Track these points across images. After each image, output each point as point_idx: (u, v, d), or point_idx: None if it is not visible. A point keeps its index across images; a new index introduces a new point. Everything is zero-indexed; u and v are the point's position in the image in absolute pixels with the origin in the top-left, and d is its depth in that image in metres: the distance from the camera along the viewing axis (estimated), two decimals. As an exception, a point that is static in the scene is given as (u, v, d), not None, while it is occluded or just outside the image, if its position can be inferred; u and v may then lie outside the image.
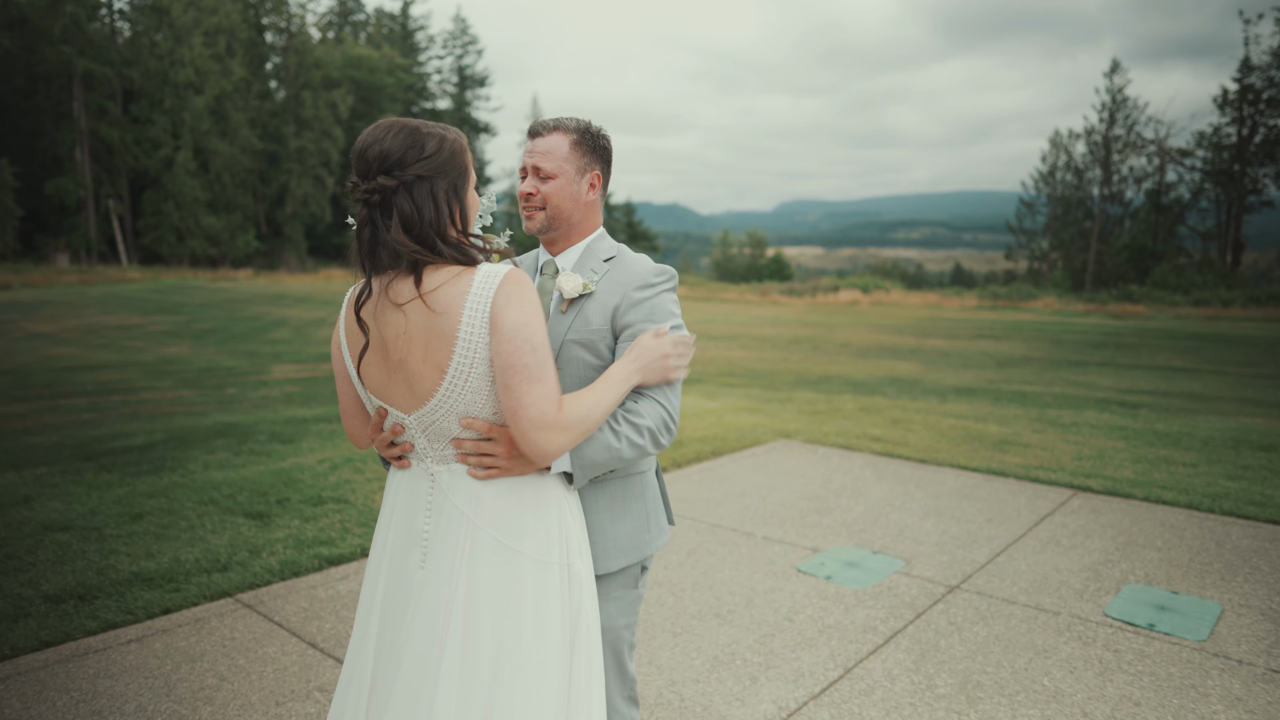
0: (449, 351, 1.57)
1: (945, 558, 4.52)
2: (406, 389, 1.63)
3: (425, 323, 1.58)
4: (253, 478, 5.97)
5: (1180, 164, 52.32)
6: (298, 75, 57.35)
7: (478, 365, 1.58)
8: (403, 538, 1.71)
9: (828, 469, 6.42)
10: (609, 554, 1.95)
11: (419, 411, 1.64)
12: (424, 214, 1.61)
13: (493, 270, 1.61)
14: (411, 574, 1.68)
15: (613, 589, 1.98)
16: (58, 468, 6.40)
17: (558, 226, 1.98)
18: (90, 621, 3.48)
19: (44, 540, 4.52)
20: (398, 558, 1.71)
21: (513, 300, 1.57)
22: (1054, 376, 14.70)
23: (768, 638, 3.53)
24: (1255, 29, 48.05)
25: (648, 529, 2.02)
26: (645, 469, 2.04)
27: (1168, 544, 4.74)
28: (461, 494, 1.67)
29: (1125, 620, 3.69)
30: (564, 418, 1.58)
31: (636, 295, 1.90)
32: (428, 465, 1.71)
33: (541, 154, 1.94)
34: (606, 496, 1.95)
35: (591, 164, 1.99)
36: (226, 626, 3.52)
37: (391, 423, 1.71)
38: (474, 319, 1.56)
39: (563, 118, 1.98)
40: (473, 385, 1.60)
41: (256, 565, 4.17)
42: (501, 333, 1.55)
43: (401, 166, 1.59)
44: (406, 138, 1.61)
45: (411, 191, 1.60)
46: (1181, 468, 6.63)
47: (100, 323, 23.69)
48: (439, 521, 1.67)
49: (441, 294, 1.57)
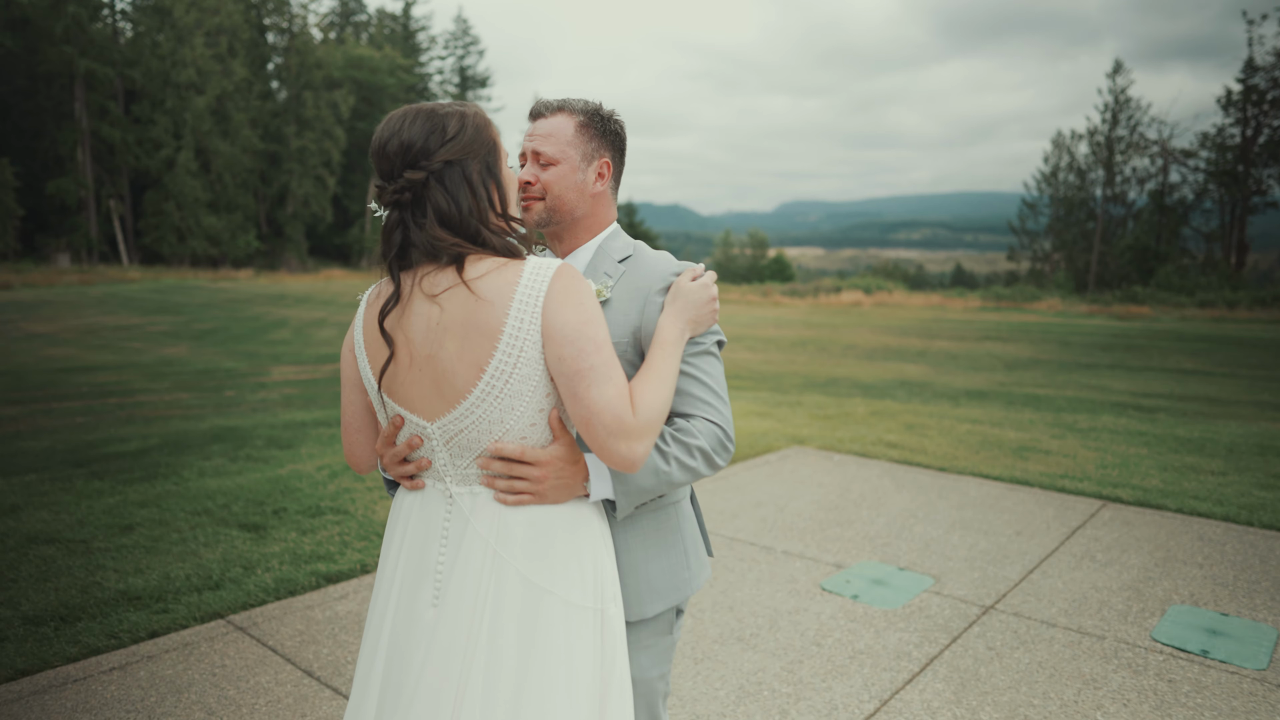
0: (491, 347, 1.37)
1: (976, 574, 4.29)
2: (433, 390, 1.42)
3: (465, 314, 1.38)
4: (249, 486, 5.75)
5: (1184, 165, 52.08)
6: (299, 75, 57.17)
7: (521, 366, 1.39)
8: (413, 570, 1.49)
9: (845, 477, 6.19)
10: (643, 597, 1.71)
11: (445, 418, 1.42)
12: (461, 203, 1.42)
13: (542, 263, 1.42)
14: (422, 613, 1.45)
15: (645, 637, 1.74)
16: (48, 474, 6.19)
17: (559, 220, 1.73)
18: (71, 647, 3.25)
19: (28, 554, 4.30)
20: (407, 594, 1.48)
21: (570, 297, 1.39)
22: (1065, 379, 14.47)
23: (795, 665, 3.30)
24: (1259, 29, 47.72)
25: (687, 566, 1.78)
26: (681, 497, 1.81)
27: (1209, 560, 4.51)
28: (486, 521, 1.45)
29: (1176, 646, 3.46)
30: (641, 417, 1.39)
31: (660, 300, 1.66)
32: (446, 486, 1.48)
33: (542, 137, 1.70)
34: (639, 531, 1.71)
35: (600, 149, 1.74)
36: (217, 652, 3.30)
37: (409, 433, 1.48)
38: (524, 313, 1.37)
39: (569, 97, 1.74)
40: (513, 389, 1.39)
41: (250, 583, 3.94)
42: (562, 335, 1.37)
43: (426, 155, 1.41)
44: (425, 122, 1.42)
45: (444, 181, 1.42)
46: (1210, 476, 6.40)
47: (99, 323, 23.48)
48: (457, 553, 1.44)
49: (488, 281, 1.39)
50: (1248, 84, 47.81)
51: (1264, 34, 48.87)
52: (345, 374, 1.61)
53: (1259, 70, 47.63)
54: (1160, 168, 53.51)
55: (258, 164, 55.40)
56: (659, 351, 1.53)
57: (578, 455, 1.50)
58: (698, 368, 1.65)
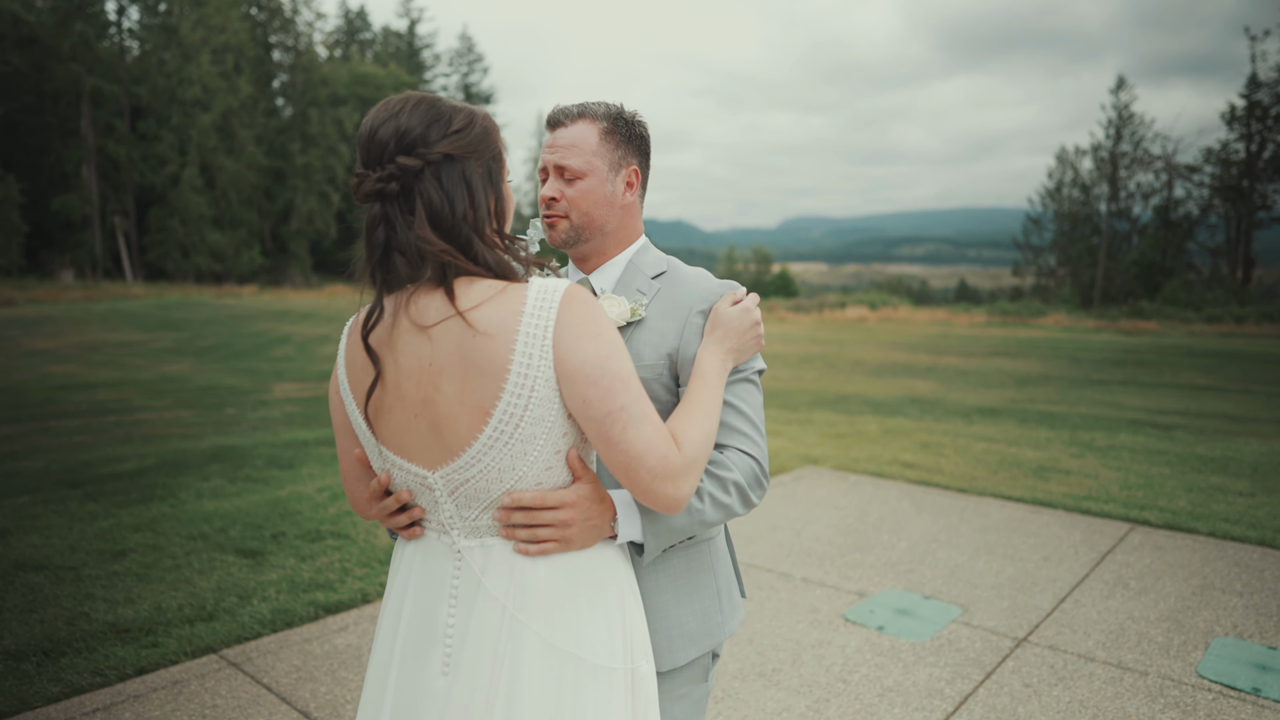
0: (496, 389, 1.19)
1: (1005, 604, 4.09)
2: (432, 437, 1.25)
3: (463, 350, 1.20)
4: (247, 508, 5.57)
5: (1188, 180, 52.04)
6: (304, 92, 57.44)
7: (534, 408, 1.20)
8: (419, 635, 1.31)
9: (862, 499, 6.00)
10: (675, 644, 1.54)
11: (448, 467, 1.25)
12: (456, 204, 1.23)
13: (548, 286, 1.23)
14: (431, 683, 1.28)
15: (679, 686, 1.57)
16: (41, 496, 6.02)
17: (589, 237, 1.57)
18: (53, 686, 3.07)
19: (15, 582, 4.12)
20: (413, 660, 1.31)
21: (585, 326, 1.21)
22: (1078, 396, 14.26)
23: (821, 704, 3.11)
24: (1261, 45, 47.72)
25: (720, 609, 1.61)
26: (715, 534, 1.64)
27: (1248, 587, 4.31)
28: (499, 579, 1.27)
29: (1224, 683, 3.26)
30: (687, 454, 1.24)
31: (701, 321, 1.51)
32: (454, 539, 1.30)
33: (565, 148, 1.53)
34: (670, 572, 1.55)
35: (627, 157, 1.58)
36: (208, 690, 3.11)
37: (407, 483, 1.31)
38: (532, 347, 1.19)
39: (588, 102, 1.57)
40: (524, 433, 1.21)
41: (245, 614, 3.76)
42: (583, 374, 1.19)
43: (425, 144, 1.22)
44: (428, 110, 1.25)
45: (440, 175, 1.23)
46: (1239, 497, 6.20)
47: (102, 339, 23.39)
48: (470, 615, 1.27)
49: (485, 312, 1.20)
50: (1251, 99, 47.83)
51: (1267, 50, 48.99)
52: (335, 420, 1.43)
53: (1262, 86, 47.68)
54: (1165, 183, 53.46)
55: (262, 180, 55.55)
56: (700, 383, 1.38)
57: (603, 493, 1.33)
58: (736, 395, 1.50)
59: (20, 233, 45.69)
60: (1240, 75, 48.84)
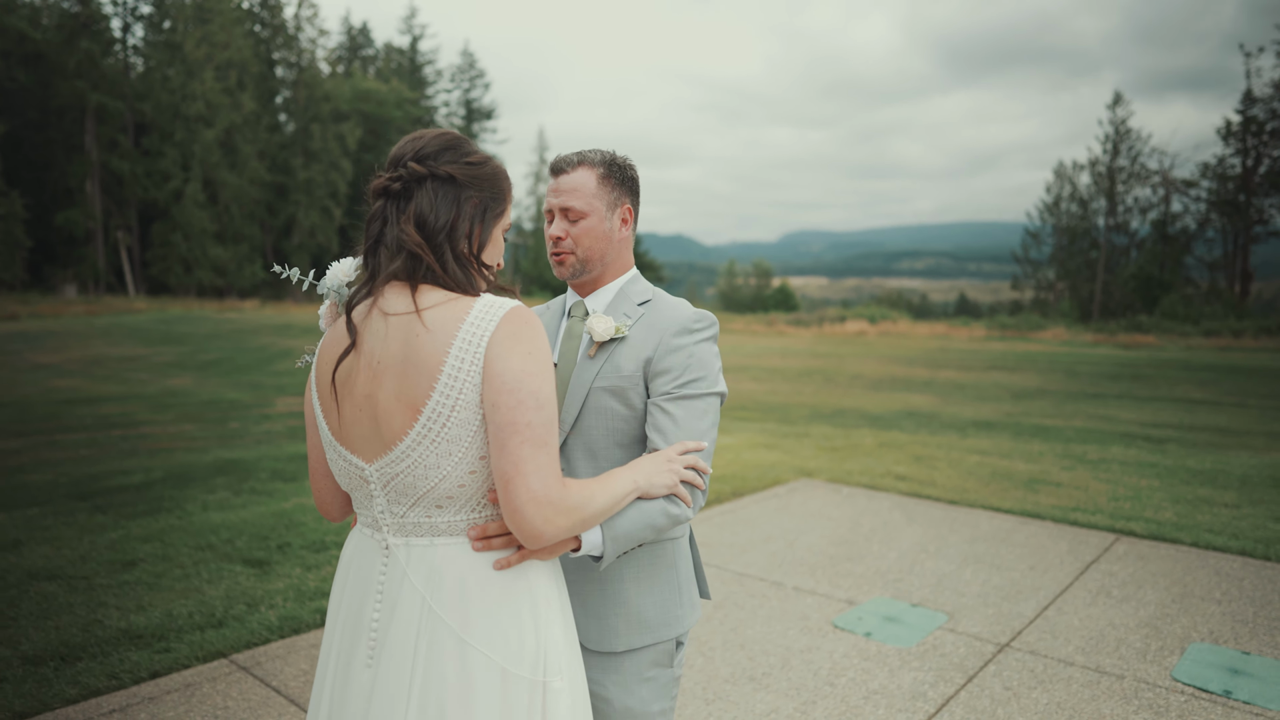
0: (429, 386, 1.29)
1: (990, 611, 4.22)
2: (372, 430, 1.35)
3: (407, 345, 1.31)
4: (253, 520, 5.70)
5: (1185, 194, 52.36)
6: (307, 108, 57.89)
7: (460, 410, 1.29)
8: (350, 628, 1.43)
9: (855, 511, 6.12)
10: (633, 628, 1.71)
11: (382, 460, 1.35)
12: (440, 216, 1.38)
13: (495, 301, 1.35)
14: (359, 674, 1.38)
15: (644, 669, 1.72)
16: (50, 508, 6.14)
17: (591, 268, 1.77)
18: (70, 688, 3.19)
19: (29, 591, 4.25)
20: (345, 654, 1.42)
21: (519, 341, 1.31)
22: (1073, 409, 14.39)
23: (809, 706, 3.23)
24: (1256, 62, 48.18)
25: (680, 603, 1.78)
26: (679, 534, 1.80)
27: (1227, 595, 4.43)
28: (421, 575, 1.35)
29: (1197, 686, 3.39)
30: (569, 498, 1.31)
31: (674, 342, 1.68)
32: (383, 535, 1.40)
33: (569, 192, 1.73)
34: (633, 565, 1.72)
35: (621, 197, 1.79)
36: (219, 693, 3.24)
37: (348, 475, 1.42)
38: (465, 351, 1.29)
39: (584, 151, 1.78)
40: (450, 434, 1.30)
41: (254, 621, 3.89)
42: (502, 380, 1.28)
43: (435, 159, 1.39)
44: (450, 140, 1.43)
45: (436, 189, 1.39)
46: (1224, 509, 6.32)
47: (105, 354, 23.54)
48: (393, 610, 1.36)
49: (435, 312, 1.32)
50: (1247, 115, 48.20)
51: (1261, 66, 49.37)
52: (307, 414, 1.54)
53: (1257, 101, 48.05)
54: (1162, 197, 53.77)
55: (265, 195, 55.90)
56: (606, 478, 1.46)
57: None
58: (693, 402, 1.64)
59: (24, 248, 45.97)
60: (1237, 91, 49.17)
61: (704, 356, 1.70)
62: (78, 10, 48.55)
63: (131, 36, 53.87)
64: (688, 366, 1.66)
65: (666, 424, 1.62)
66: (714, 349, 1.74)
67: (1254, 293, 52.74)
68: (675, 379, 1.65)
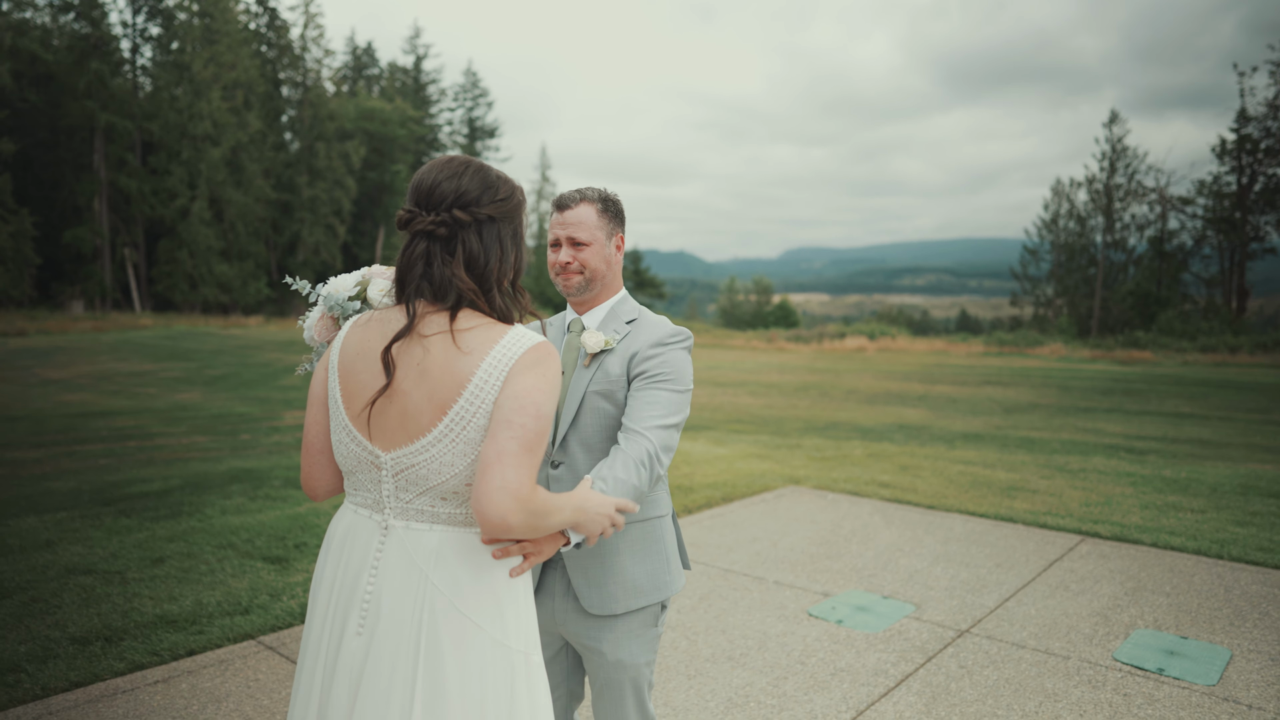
0: (457, 393, 1.48)
1: (955, 602, 4.57)
2: (398, 423, 1.51)
3: (444, 360, 1.49)
4: (269, 523, 6.06)
5: (1182, 212, 52.84)
6: (312, 127, 58.64)
7: (479, 417, 1.48)
8: (342, 601, 1.56)
9: (837, 515, 6.48)
10: (630, 594, 2.05)
11: (401, 450, 1.51)
12: (489, 256, 1.57)
13: (525, 333, 1.55)
14: (350, 641, 1.51)
15: (634, 627, 2.08)
16: (77, 512, 6.50)
17: (594, 287, 2.13)
18: (117, 663, 3.55)
19: (68, 583, 4.61)
20: (336, 622, 1.55)
21: (537, 367, 1.50)
22: (1062, 423, 14.73)
23: (780, 680, 3.58)
24: (1250, 81, 48.74)
25: (668, 571, 2.13)
26: (664, 513, 2.16)
27: (1176, 589, 4.78)
28: (423, 554, 1.52)
29: (1134, 665, 3.73)
30: (534, 501, 1.45)
31: (651, 351, 2.05)
32: (385, 518, 1.55)
33: (574, 224, 2.09)
34: (629, 542, 2.07)
35: (615, 227, 2.16)
36: (250, 668, 3.59)
37: (354, 457, 1.57)
38: (493, 370, 1.48)
39: (583, 189, 2.13)
40: (468, 436, 1.49)
41: (277, 608, 4.25)
42: (513, 390, 1.47)
43: (478, 205, 1.56)
44: (482, 179, 1.58)
45: (481, 231, 1.57)
46: (1190, 514, 6.66)
47: (113, 369, 23.94)
48: (388, 584, 1.51)
49: (472, 336, 1.51)
50: (1241, 133, 48.74)
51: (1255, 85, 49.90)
52: (314, 392, 1.64)
53: (1252, 120, 48.61)
54: (1159, 214, 54.26)
55: (270, 213, 56.55)
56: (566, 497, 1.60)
57: None
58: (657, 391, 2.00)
59: (33, 265, 46.53)
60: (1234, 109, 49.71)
61: (676, 360, 2.05)
62: (88, 32, 49.38)
63: (140, 57, 54.72)
64: (661, 366, 2.03)
65: (633, 405, 1.98)
66: (687, 357, 2.10)
67: (1252, 309, 53.06)
68: (649, 375, 2.01)
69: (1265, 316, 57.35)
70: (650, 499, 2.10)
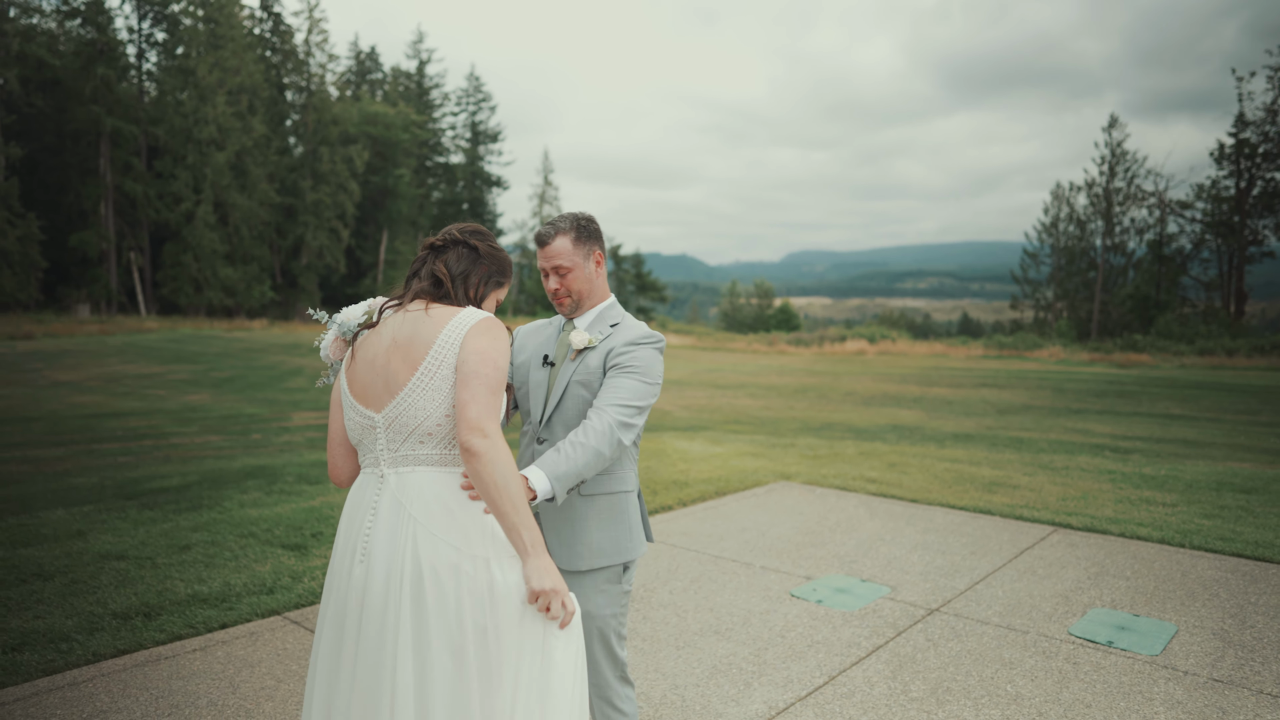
0: (424, 353, 1.92)
1: (928, 585, 4.90)
2: (383, 388, 1.95)
3: (415, 327, 1.96)
4: (286, 515, 6.41)
5: (1181, 216, 53.17)
6: (316, 131, 59.10)
7: (443, 369, 1.91)
8: (349, 538, 1.97)
9: (824, 507, 6.82)
10: (594, 554, 2.41)
11: (388, 407, 1.94)
12: (460, 266, 2.11)
13: (479, 311, 2.02)
14: (355, 568, 1.92)
15: (600, 583, 2.42)
16: (102, 505, 6.85)
17: (581, 303, 2.49)
18: (158, 634, 3.90)
19: (104, 567, 4.96)
20: (345, 557, 1.96)
21: (488, 332, 1.96)
22: (1052, 424, 15.05)
23: (762, 651, 3.92)
24: (1248, 85, 49.06)
25: (630, 539, 2.47)
26: (629, 489, 2.49)
27: (1136, 574, 5.11)
28: (406, 491, 1.93)
29: (1087, 638, 4.07)
30: (494, 436, 1.84)
31: (626, 347, 2.40)
32: (381, 469, 1.97)
33: (555, 256, 2.43)
34: (596, 509, 2.42)
35: (592, 247, 2.49)
36: (278, 639, 3.94)
37: (359, 425, 2.00)
38: (452, 334, 1.93)
39: (556, 221, 2.46)
40: (434, 385, 1.91)
41: (299, 588, 4.59)
42: (472, 349, 1.90)
43: (469, 235, 2.15)
44: (483, 229, 2.19)
45: (462, 251, 2.12)
46: (1161, 508, 7.00)
47: (121, 371, 24.31)
48: (379, 518, 1.92)
49: (438, 310, 1.99)
50: (1239, 138, 49.08)
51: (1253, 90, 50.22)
52: (334, 398, 2.14)
53: (1250, 125, 48.95)
54: (1158, 218, 54.58)
55: (274, 217, 57.00)
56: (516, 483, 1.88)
57: None
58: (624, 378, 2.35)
59: (39, 268, 46.98)
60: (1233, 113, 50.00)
61: (647, 356, 2.40)
62: (94, 37, 49.87)
63: (146, 62, 55.29)
64: (632, 360, 2.37)
65: (603, 388, 2.32)
66: (658, 356, 2.44)
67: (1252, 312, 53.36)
68: (620, 366, 2.36)
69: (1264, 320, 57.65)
70: (617, 476, 2.44)
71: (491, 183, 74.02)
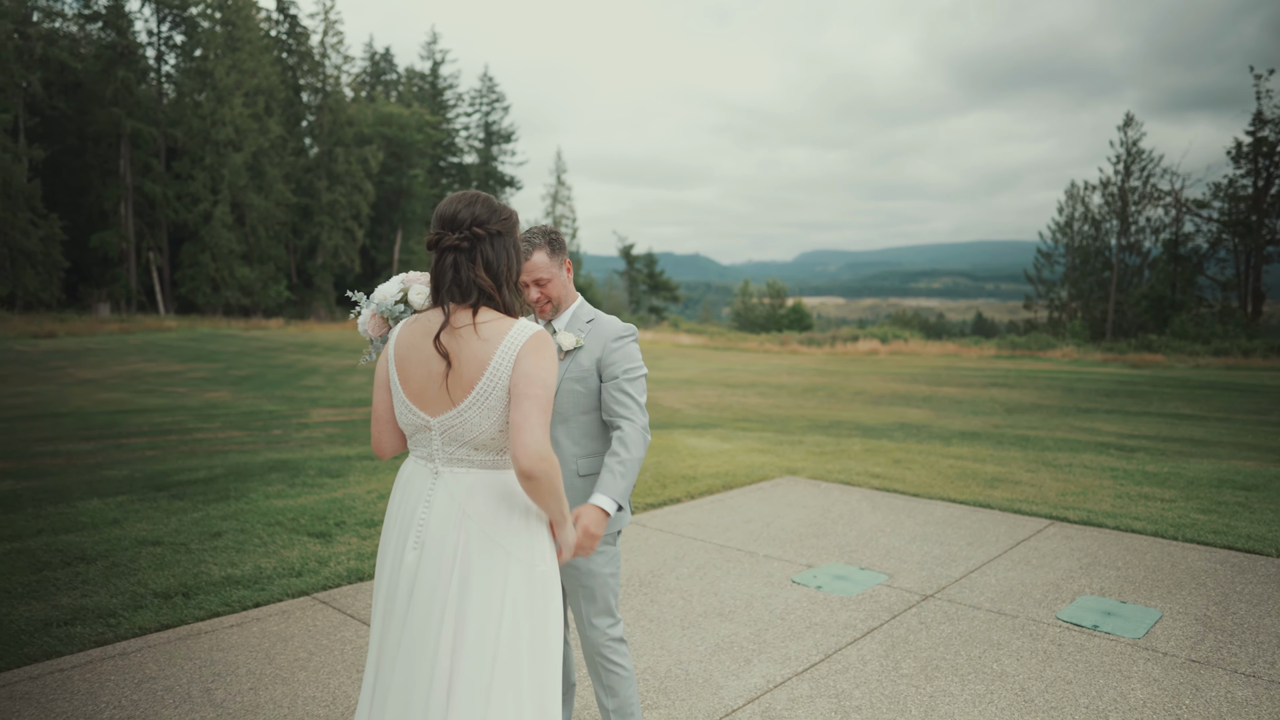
0: (480, 373, 1.98)
1: (925, 573, 5.12)
2: (436, 395, 2.02)
3: (469, 347, 1.99)
4: (310, 505, 6.68)
5: (1197, 215, 52.85)
6: (331, 132, 59.69)
7: (497, 390, 1.98)
8: (400, 528, 2.07)
9: (828, 501, 7.03)
10: None
11: (444, 416, 2.02)
12: (500, 261, 2.08)
13: (527, 324, 2.06)
14: (407, 554, 2.03)
15: (600, 547, 2.68)
16: (134, 496, 7.15)
17: (559, 305, 2.74)
18: (198, 611, 4.18)
19: (141, 552, 5.24)
20: (395, 547, 2.08)
21: (539, 350, 2.02)
22: (1059, 422, 15.18)
23: (762, 631, 4.15)
24: (1267, 84, 48.68)
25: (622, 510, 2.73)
26: None
27: (1127, 564, 5.30)
28: (461, 490, 2.03)
29: (1073, 622, 4.28)
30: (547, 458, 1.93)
31: (613, 345, 2.66)
32: (435, 465, 2.07)
33: (535, 270, 2.67)
34: (590, 486, 2.68)
35: (563, 257, 2.75)
36: (309, 617, 4.21)
37: (412, 424, 2.08)
38: (505, 354, 1.97)
39: (530, 236, 2.69)
40: (490, 403, 1.99)
41: (326, 572, 4.86)
42: (524, 368, 1.96)
43: (489, 224, 2.08)
44: (489, 206, 2.10)
45: (494, 243, 2.08)
46: (1159, 503, 7.16)
47: (142, 369, 24.78)
48: (434, 511, 2.03)
49: (488, 328, 2.01)
50: (1257, 136, 48.74)
51: (1272, 88, 49.76)
52: (379, 378, 2.17)
53: (1268, 123, 48.61)
54: (1174, 218, 54.28)
55: (290, 217, 57.62)
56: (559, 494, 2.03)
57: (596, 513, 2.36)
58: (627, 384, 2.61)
59: (61, 268, 47.73)
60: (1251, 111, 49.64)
61: (632, 352, 2.69)
62: (115, 40, 50.60)
63: (165, 65, 55.97)
64: (625, 361, 2.65)
65: (625, 399, 2.60)
66: (637, 348, 2.74)
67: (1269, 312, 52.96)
68: (620, 369, 2.63)
69: (1282, 320, 57.18)
70: None
71: (505, 183, 74.45)
